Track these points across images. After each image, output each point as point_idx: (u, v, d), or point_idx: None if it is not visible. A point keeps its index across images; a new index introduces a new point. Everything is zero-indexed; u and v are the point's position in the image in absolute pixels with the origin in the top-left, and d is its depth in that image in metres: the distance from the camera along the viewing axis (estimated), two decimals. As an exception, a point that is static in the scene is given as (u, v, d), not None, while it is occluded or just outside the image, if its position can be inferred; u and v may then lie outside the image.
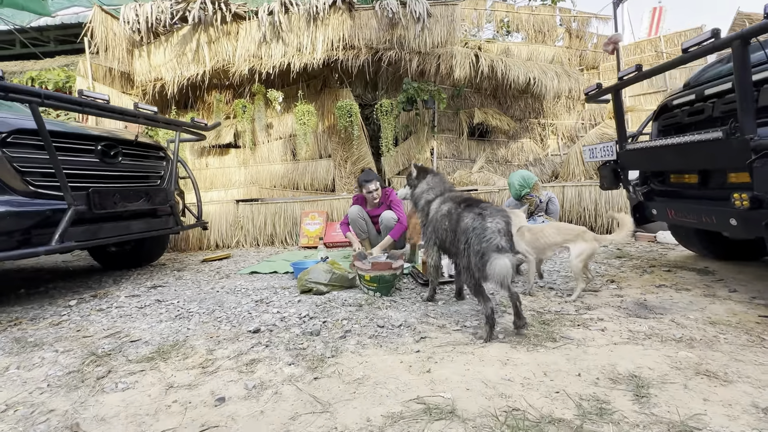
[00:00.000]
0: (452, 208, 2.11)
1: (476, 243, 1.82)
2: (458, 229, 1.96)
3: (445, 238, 2.14)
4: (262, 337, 1.99)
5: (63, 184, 2.45)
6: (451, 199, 2.21)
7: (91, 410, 1.40)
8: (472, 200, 2.07)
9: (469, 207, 2.00)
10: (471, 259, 1.84)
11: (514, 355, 1.67)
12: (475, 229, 1.84)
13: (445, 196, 2.27)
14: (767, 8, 1.64)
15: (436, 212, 2.23)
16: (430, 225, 2.28)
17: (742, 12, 7.05)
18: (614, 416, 1.20)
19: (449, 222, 2.08)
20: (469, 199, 2.10)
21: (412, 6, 5.64)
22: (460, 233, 1.93)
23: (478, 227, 1.84)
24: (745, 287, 2.44)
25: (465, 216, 1.94)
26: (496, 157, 7.08)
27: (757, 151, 1.79)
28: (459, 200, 2.13)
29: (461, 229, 1.93)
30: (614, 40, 5.64)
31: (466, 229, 1.89)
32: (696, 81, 2.56)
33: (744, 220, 1.99)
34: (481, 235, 1.81)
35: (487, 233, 1.79)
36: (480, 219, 1.86)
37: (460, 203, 2.09)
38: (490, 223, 1.83)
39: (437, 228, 2.20)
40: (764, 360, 1.52)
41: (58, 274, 4.02)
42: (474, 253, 1.82)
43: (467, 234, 1.88)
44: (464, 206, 2.03)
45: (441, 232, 2.18)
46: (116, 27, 6.03)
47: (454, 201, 2.15)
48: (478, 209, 1.93)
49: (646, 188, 2.82)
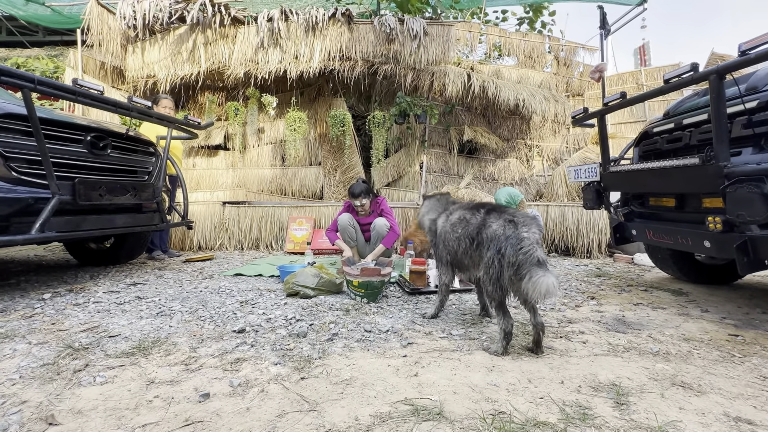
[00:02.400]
0: (467, 214, 1.95)
1: (511, 254, 1.64)
2: (481, 236, 1.78)
3: (457, 248, 1.95)
4: (247, 337, 1.96)
5: (49, 173, 2.39)
6: (461, 207, 2.07)
7: (67, 402, 1.35)
8: (494, 205, 1.90)
9: (495, 212, 1.81)
10: (503, 271, 1.67)
11: (499, 362, 1.70)
12: (509, 239, 1.66)
13: (451, 208, 2.15)
14: (741, 46, 1.78)
15: (444, 224, 2.09)
16: (440, 241, 2.12)
17: (716, 53, 7.54)
18: (596, 421, 1.24)
19: (464, 228, 1.90)
20: (489, 204, 1.93)
21: (410, 24, 5.81)
22: (486, 241, 1.75)
23: (512, 236, 1.66)
24: (717, 308, 2.56)
25: (492, 222, 1.76)
26: (483, 174, 7.24)
27: (730, 178, 1.91)
28: (475, 206, 1.97)
29: (487, 237, 1.75)
30: (600, 68, 5.93)
31: (494, 237, 1.71)
32: (675, 111, 2.72)
33: (717, 242, 2.11)
34: (517, 246, 1.64)
35: (524, 244, 1.63)
36: (512, 227, 1.69)
37: (477, 208, 1.92)
38: (525, 233, 1.66)
39: (447, 240, 2.03)
40: (735, 374, 1.59)
41: (30, 267, 3.86)
42: (508, 265, 1.65)
43: (498, 243, 1.69)
44: (487, 211, 1.85)
45: (452, 243, 1.99)
46: (112, 21, 5.98)
47: (467, 208, 2.00)
48: (508, 215, 1.76)
49: (626, 209, 2.95)
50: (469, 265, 1.95)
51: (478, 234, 1.81)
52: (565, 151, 7.72)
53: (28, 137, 2.46)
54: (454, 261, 2.05)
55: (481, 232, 1.80)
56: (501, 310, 1.75)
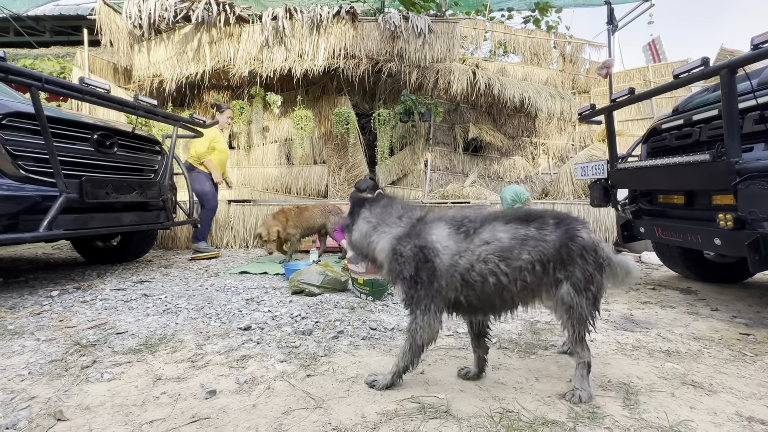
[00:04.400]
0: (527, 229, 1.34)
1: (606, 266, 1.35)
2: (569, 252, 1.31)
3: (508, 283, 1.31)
4: (253, 335, 1.96)
5: (56, 171, 2.41)
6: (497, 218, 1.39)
7: (75, 399, 1.35)
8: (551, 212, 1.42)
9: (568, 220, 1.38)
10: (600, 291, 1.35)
11: (506, 361, 1.68)
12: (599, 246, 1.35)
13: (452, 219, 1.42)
14: (754, 40, 1.74)
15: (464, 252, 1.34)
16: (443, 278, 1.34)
17: (726, 48, 7.44)
18: (605, 420, 1.22)
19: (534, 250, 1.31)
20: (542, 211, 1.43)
21: (414, 21, 5.79)
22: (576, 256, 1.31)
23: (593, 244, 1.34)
24: (727, 307, 2.52)
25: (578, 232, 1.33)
26: (488, 173, 7.20)
27: (741, 174, 1.88)
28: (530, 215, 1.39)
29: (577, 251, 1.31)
30: (608, 64, 5.87)
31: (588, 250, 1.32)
32: (684, 107, 2.68)
33: (728, 240, 2.08)
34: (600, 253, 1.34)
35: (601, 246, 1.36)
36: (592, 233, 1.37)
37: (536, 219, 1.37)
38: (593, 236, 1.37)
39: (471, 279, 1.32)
40: (746, 373, 1.57)
41: (39, 265, 3.90)
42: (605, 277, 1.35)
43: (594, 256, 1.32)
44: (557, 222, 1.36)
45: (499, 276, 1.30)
46: (119, 20, 6.02)
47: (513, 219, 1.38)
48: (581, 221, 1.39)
49: (634, 207, 2.91)
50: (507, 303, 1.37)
51: (561, 250, 1.31)
52: (571, 148, 7.66)
53: (36, 136, 2.48)
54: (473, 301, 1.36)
55: (569, 247, 1.31)
56: (584, 343, 1.36)
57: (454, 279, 1.34)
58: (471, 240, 1.35)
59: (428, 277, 1.34)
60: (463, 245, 1.35)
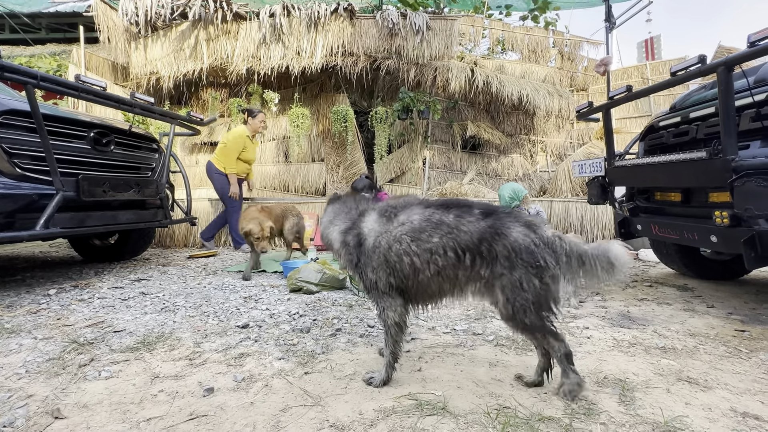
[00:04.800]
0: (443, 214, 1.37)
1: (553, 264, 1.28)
2: (493, 249, 1.28)
3: (423, 267, 1.35)
4: (251, 333, 1.97)
5: (53, 169, 2.40)
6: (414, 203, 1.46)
7: (73, 397, 1.35)
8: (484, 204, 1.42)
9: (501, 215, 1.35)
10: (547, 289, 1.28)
11: (503, 357, 1.69)
12: (541, 247, 1.27)
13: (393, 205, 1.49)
14: (750, 37, 1.75)
15: (383, 232, 1.42)
16: (371, 259, 1.42)
17: (723, 46, 7.44)
18: (601, 416, 1.23)
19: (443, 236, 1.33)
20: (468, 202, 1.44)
21: (413, 18, 5.77)
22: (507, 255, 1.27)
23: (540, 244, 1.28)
24: (722, 304, 2.53)
25: (509, 228, 1.29)
26: (486, 170, 7.20)
27: (737, 171, 1.89)
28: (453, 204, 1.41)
29: (504, 250, 1.27)
30: (605, 62, 5.87)
31: (522, 250, 1.26)
32: (681, 104, 2.69)
33: (724, 237, 2.09)
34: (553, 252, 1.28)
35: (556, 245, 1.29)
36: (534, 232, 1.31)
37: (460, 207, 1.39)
38: (545, 233, 1.32)
39: (395, 253, 1.38)
40: (741, 369, 1.58)
41: (36, 263, 3.89)
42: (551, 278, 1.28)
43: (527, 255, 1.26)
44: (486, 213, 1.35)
45: (414, 257, 1.35)
46: (115, 17, 5.98)
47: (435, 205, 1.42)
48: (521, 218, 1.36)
49: (631, 204, 2.92)
50: (442, 291, 1.40)
51: (480, 245, 1.30)
52: (569, 146, 7.67)
53: (31, 134, 2.47)
54: (409, 286, 1.41)
55: (491, 243, 1.29)
56: (551, 335, 1.31)
57: (381, 260, 1.41)
58: (391, 222, 1.43)
59: (365, 261, 1.44)
60: (384, 227, 1.43)
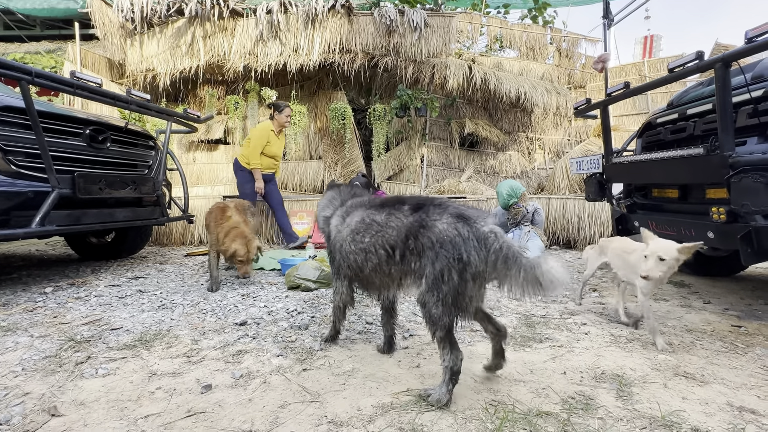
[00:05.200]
0: (376, 214, 1.46)
1: (478, 261, 1.22)
2: (419, 243, 1.30)
3: (363, 264, 1.46)
4: (249, 330, 1.96)
5: (48, 166, 2.38)
6: (363, 204, 1.57)
7: (70, 394, 1.35)
8: (420, 198, 1.44)
9: (432, 207, 1.34)
10: (465, 286, 1.24)
11: (501, 353, 1.69)
12: (468, 240, 1.22)
13: (350, 204, 1.66)
14: (748, 33, 1.75)
15: (339, 228, 1.60)
16: (335, 250, 1.62)
17: (720, 43, 7.45)
18: (599, 411, 1.23)
19: (375, 236, 1.41)
20: (410, 198, 1.46)
21: (410, 15, 5.75)
22: (430, 248, 1.26)
23: (471, 237, 1.23)
24: (719, 300, 2.55)
25: (435, 221, 1.29)
26: (484, 168, 7.20)
27: (734, 167, 1.89)
28: (388, 202, 1.48)
29: (431, 242, 1.26)
30: (603, 59, 5.85)
31: (446, 241, 1.24)
32: (679, 101, 2.69)
33: (721, 233, 2.09)
34: (483, 249, 1.22)
35: (490, 241, 1.22)
36: (465, 223, 1.26)
37: (395, 205, 1.43)
38: (485, 227, 1.25)
39: (344, 251, 1.54)
40: (737, 364, 1.59)
41: (32, 261, 3.87)
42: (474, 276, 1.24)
43: (454, 248, 1.22)
44: (416, 207, 1.37)
45: (354, 256, 1.49)
46: (111, 14, 5.93)
47: (374, 205, 1.51)
48: (453, 209, 1.32)
49: (629, 201, 2.93)
50: (383, 284, 1.47)
51: (407, 240, 1.32)
52: (566, 143, 7.67)
53: (26, 130, 2.44)
54: (359, 278, 1.55)
55: (417, 237, 1.30)
56: (448, 341, 1.28)
57: (337, 254, 1.62)
58: (343, 223, 1.61)
59: (331, 251, 1.68)
60: (340, 226, 1.62)
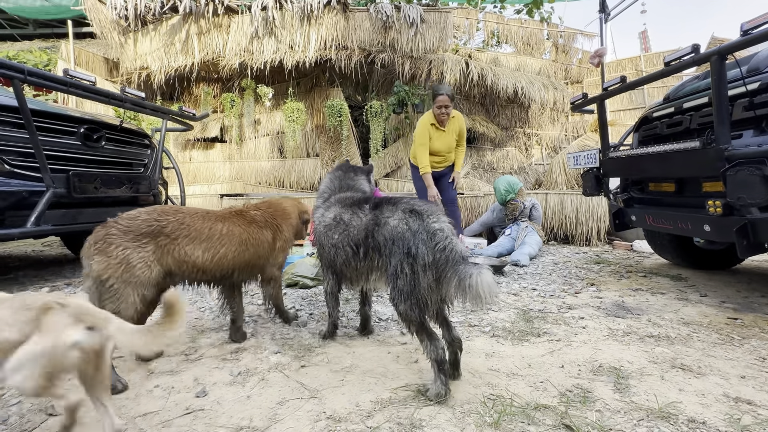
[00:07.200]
0: (344, 213, 1.55)
1: (425, 253, 1.25)
2: (376, 239, 1.39)
3: (335, 258, 1.57)
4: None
5: (42, 165, 2.36)
6: (338, 202, 1.66)
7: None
8: (382, 197, 1.52)
9: (387, 205, 1.42)
10: (418, 279, 1.26)
11: (499, 348, 1.70)
12: (417, 234, 1.27)
13: (330, 200, 1.73)
14: (743, 26, 1.75)
15: (318, 222, 1.69)
16: (317, 241, 1.71)
17: (716, 37, 7.46)
18: (597, 404, 1.24)
19: (342, 234, 1.52)
20: (373, 198, 1.57)
21: (407, 11, 5.72)
22: (385, 244, 1.34)
23: (420, 230, 1.27)
24: (715, 293, 2.56)
25: (387, 218, 1.37)
26: (482, 164, 7.20)
27: (730, 161, 1.90)
28: (355, 201, 1.59)
29: (385, 239, 1.34)
30: (600, 53, 5.87)
31: (397, 237, 1.30)
32: (675, 95, 2.69)
33: (717, 226, 2.10)
34: (430, 242, 1.26)
35: (439, 238, 1.25)
36: (416, 218, 1.31)
37: (359, 204, 1.55)
38: (436, 224, 1.29)
39: (323, 244, 1.64)
40: (734, 356, 1.60)
41: (29, 262, 3.84)
42: (423, 268, 1.25)
43: (404, 242, 1.28)
44: (375, 206, 1.46)
45: (329, 250, 1.59)
46: (104, 11, 5.88)
47: (345, 204, 1.61)
48: (405, 205, 1.37)
49: (626, 195, 2.93)
50: (354, 278, 1.58)
51: (367, 238, 1.41)
52: (563, 139, 7.68)
53: (20, 129, 2.42)
54: (333, 270, 1.67)
55: (373, 235, 1.39)
56: (424, 333, 1.30)
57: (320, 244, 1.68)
58: (323, 216, 1.68)
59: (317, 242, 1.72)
60: (321, 219, 1.69)
